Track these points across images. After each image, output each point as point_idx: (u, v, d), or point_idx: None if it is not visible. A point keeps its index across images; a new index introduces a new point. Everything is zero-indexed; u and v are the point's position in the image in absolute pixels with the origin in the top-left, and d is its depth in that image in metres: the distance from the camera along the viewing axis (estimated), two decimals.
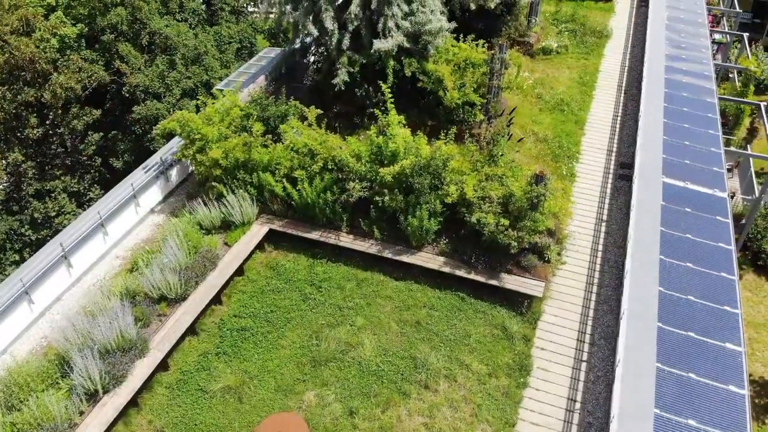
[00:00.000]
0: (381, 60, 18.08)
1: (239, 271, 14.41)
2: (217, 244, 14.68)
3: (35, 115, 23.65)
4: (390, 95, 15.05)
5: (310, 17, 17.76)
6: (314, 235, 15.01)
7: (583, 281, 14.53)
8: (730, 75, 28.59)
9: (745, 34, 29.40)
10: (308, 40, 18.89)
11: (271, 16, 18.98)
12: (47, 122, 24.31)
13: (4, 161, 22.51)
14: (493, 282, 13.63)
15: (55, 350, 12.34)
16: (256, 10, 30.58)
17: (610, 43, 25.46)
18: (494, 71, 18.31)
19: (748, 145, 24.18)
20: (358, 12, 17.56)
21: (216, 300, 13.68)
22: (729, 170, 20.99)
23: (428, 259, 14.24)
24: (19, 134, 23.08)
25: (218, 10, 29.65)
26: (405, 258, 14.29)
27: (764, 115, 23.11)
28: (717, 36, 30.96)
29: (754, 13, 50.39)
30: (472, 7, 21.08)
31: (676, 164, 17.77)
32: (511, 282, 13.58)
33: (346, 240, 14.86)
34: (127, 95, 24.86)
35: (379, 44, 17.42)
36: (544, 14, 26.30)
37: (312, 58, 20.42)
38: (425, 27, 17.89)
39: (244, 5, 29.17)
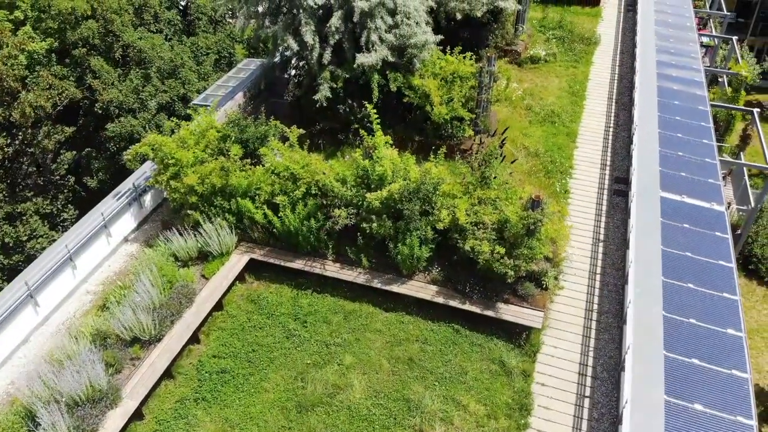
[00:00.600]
0: (365, 74, 17.28)
1: (218, 306, 13.52)
2: (194, 278, 13.77)
3: (4, 134, 22.58)
4: (375, 115, 14.21)
5: (290, 31, 16.92)
6: (298, 265, 14.16)
7: (583, 307, 13.81)
8: (720, 79, 28.11)
9: (734, 37, 28.97)
10: (288, 53, 18.05)
11: (251, 24, 18.02)
12: (17, 141, 23.24)
13: None
14: (489, 313, 12.86)
15: (21, 402, 11.37)
16: (234, 19, 29.66)
17: (599, 50, 24.83)
18: (483, 85, 17.57)
19: (741, 153, 23.66)
20: (339, 25, 16.74)
21: (193, 339, 12.78)
22: (723, 178, 20.46)
23: (420, 288, 13.44)
24: None
25: (195, 20, 28.69)
26: (395, 288, 13.48)
27: (757, 122, 22.62)
28: (705, 39, 30.52)
29: (738, 13, 50.31)
30: (458, 16, 20.32)
31: (673, 177, 17.18)
32: (509, 313, 12.81)
33: (332, 269, 14.01)
34: (101, 111, 23.84)
35: (362, 58, 16.62)
36: (531, 21, 25.63)
37: (293, 72, 19.57)
38: (410, 40, 17.12)
39: (222, 15, 28.25)
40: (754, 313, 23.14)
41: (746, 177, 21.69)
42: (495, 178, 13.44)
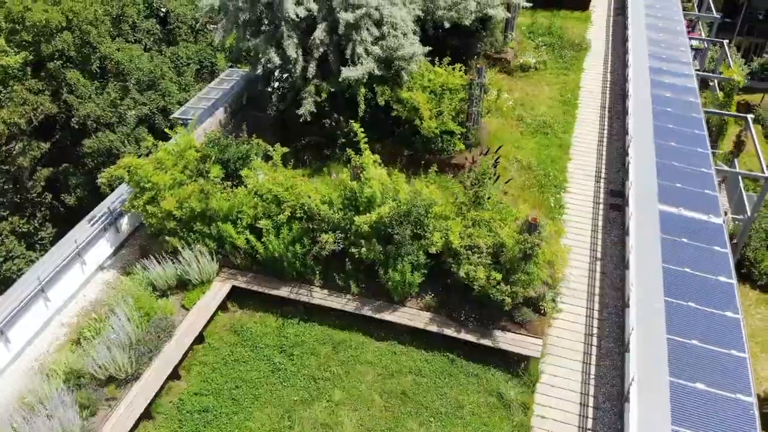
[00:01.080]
0: (351, 88, 16.63)
1: (199, 338, 12.80)
2: (173, 309, 13.04)
3: None
4: (363, 135, 13.54)
5: (272, 44, 16.22)
6: (283, 292, 13.46)
7: (582, 332, 13.23)
8: (710, 83, 27.73)
9: (725, 41, 28.60)
10: (271, 66, 17.34)
11: (231, 36, 17.31)
12: None
13: None
14: (486, 342, 12.23)
15: None
16: (214, 27, 28.90)
17: (590, 56, 24.33)
18: (473, 98, 16.97)
19: (735, 160, 23.22)
20: (323, 38, 16.06)
21: (173, 375, 12.05)
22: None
23: (413, 316, 12.79)
24: None
25: (175, 29, 27.88)
26: (386, 315, 12.82)
27: (751, 128, 22.20)
28: (694, 42, 30.11)
29: (724, 13, 50.06)
30: (447, 25, 19.71)
31: (669, 189, 16.72)
32: (506, 341, 12.20)
33: (319, 296, 13.33)
34: (77, 126, 23.00)
35: (347, 72, 15.95)
36: (520, 27, 25.08)
37: (276, 84, 18.85)
38: (397, 52, 16.47)
39: (203, 24, 27.48)
40: (747, 317, 22.72)
41: (741, 185, 21.23)
42: (489, 198, 12.81)
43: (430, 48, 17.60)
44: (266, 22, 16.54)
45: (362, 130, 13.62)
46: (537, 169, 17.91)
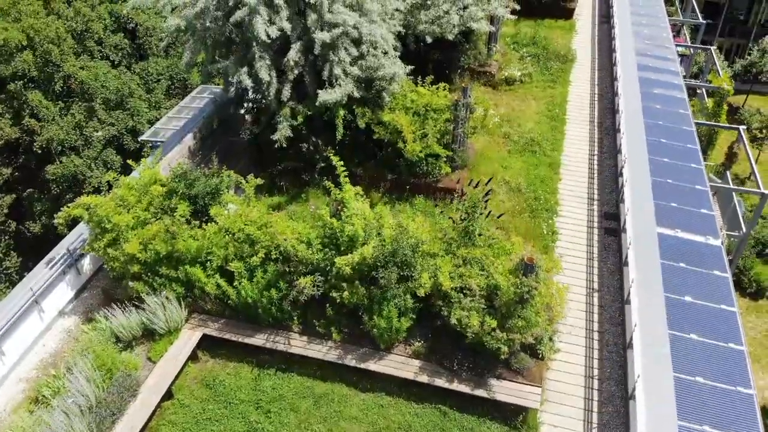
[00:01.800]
0: (329, 110, 15.62)
1: (167, 394, 11.69)
2: (138, 363, 11.92)
3: None
4: (342, 168, 12.49)
5: (243, 66, 15.14)
6: (259, 340, 12.38)
7: (582, 374, 12.31)
8: (698, 91, 27.08)
9: (713, 47, 28.00)
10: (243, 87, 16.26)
11: (199, 59, 16.23)
12: None
13: None
14: (481, 392, 11.26)
15: None
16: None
17: (576, 68, 23.51)
18: (459, 119, 16.03)
19: (728, 172, 22.52)
20: (298, 59, 15.02)
21: None
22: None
23: (400, 364, 11.78)
24: None
25: (144, 43, 26.64)
26: (372, 365, 11.80)
27: (744, 140, 21.53)
28: (680, 48, 29.46)
29: (704, 14, 49.70)
30: (429, 40, 18.80)
31: (665, 209, 15.99)
32: (502, 391, 11.23)
33: (298, 344, 12.28)
34: (40, 151, 21.71)
35: (325, 95, 14.94)
36: (504, 38, 24.21)
37: (249, 105, 17.74)
38: (378, 72, 15.50)
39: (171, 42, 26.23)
40: None
41: (735, 199, 20.51)
42: (480, 235, 11.85)
43: (413, 67, 16.67)
44: (236, 43, 15.46)
45: (342, 162, 12.55)
46: (527, 192, 17.01)
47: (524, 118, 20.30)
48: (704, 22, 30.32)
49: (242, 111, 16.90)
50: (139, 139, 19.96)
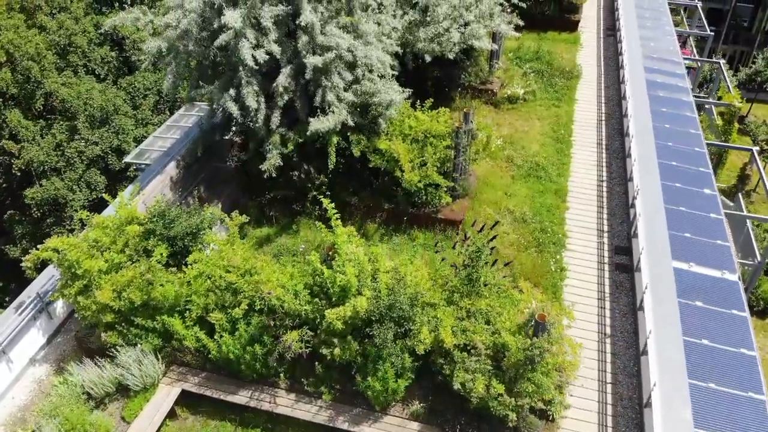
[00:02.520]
0: (322, 137, 14.58)
1: None
2: (111, 425, 10.86)
3: None
4: (334, 211, 11.40)
5: (229, 91, 14.10)
6: (242, 397, 11.33)
7: None
8: (706, 106, 26.10)
9: (721, 61, 27.01)
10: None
11: (182, 83, 15.21)
12: None
13: None
14: None
15: None
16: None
17: (582, 85, 22.49)
18: (460, 147, 15.00)
19: (739, 194, 21.51)
20: (288, 84, 13.99)
21: None
22: None
23: (397, 427, 10.73)
24: None
25: (131, 56, 25.56)
26: (366, 427, 10.74)
27: (758, 161, 20.56)
28: (687, 61, 28.50)
29: (707, 21, 48.79)
30: (428, 58, 17.78)
31: (680, 240, 15.00)
32: None
33: (285, 403, 11.22)
34: (19, 173, 20.64)
35: (317, 124, 13.91)
36: (506, 52, 23.18)
37: (237, 129, 16.72)
38: (374, 98, 14.47)
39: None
40: None
41: (749, 226, 19.49)
42: (486, 285, 10.81)
43: (411, 90, 15.65)
44: (222, 66, 14.43)
45: (333, 204, 11.47)
46: (532, 222, 15.99)
47: (528, 140, 19.27)
48: (711, 33, 29.35)
49: (228, 136, 15.92)
50: (123, 161, 18.87)
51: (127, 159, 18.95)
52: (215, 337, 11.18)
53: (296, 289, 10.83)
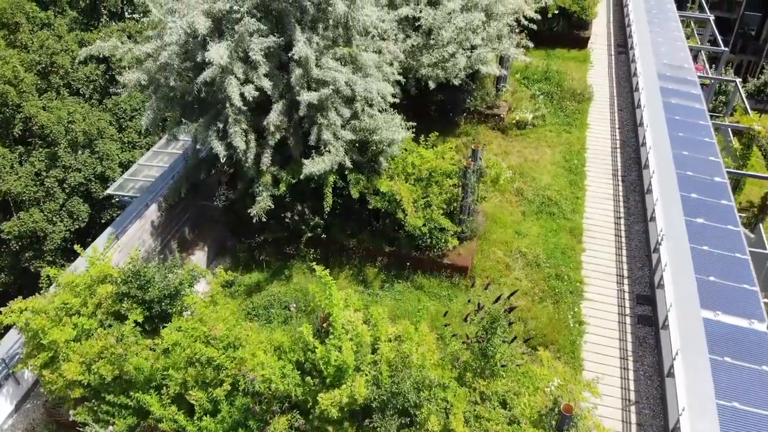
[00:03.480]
0: (317, 177, 13.32)
1: None
2: None
3: None
4: (328, 276, 10.09)
5: (215, 129, 12.83)
6: None
7: None
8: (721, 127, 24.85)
9: (738, 80, 25.78)
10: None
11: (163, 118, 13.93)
12: None
13: None
14: None
15: None
16: None
17: (594, 108, 21.24)
18: (468, 187, 13.74)
19: (760, 225, 20.28)
20: (280, 122, 12.73)
21: None
22: None
23: None
24: None
25: (118, 74, 24.22)
26: None
27: None
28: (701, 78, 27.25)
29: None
30: (432, 85, 16.54)
31: (706, 285, 13.84)
32: None
33: None
34: None
35: (311, 166, 12.68)
36: (513, 73, 21.90)
37: (224, 162, 15.44)
38: (373, 136, 13.21)
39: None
40: None
41: None
42: (504, 366, 9.54)
43: (414, 125, 14.38)
44: (207, 102, 13.15)
45: (324, 267, 10.15)
46: (546, 266, 14.74)
47: (539, 170, 18.01)
48: (726, 49, 28.11)
49: (217, 168, 14.70)
50: (105, 193, 17.58)
51: (109, 191, 17.68)
52: (195, 418, 9.89)
53: (284, 371, 9.53)
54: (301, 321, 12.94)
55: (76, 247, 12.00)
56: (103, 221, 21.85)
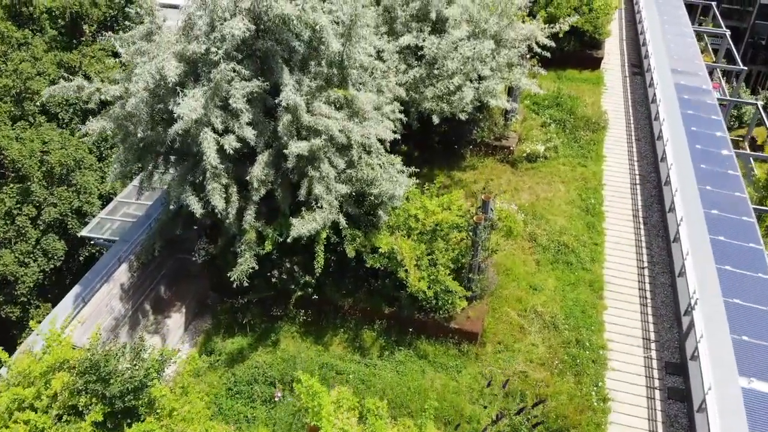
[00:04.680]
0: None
1: None
2: None
3: None
4: (318, 386, 8.53)
5: (190, 184, 11.31)
6: None
7: None
8: (740, 144, 23.38)
9: (759, 102, 24.27)
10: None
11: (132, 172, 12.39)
12: None
13: None
14: None
15: None
16: None
17: (609, 137, 19.70)
18: (478, 244, 12.20)
19: None
20: (265, 175, 11.18)
21: None
22: None
23: None
24: None
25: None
26: None
27: None
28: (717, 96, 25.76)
29: None
30: (435, 120, 15.00)
31: (740, 347, 12.46)
32: None
33: None
34: None
35: (300, 228, 11.21)
36: (523, 99, 20.33)
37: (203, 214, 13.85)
38: (371, 189, 11.68)
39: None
40: None
41: None
42: None
43: (418, 170, 12.86)
44: (181, 153, 11.61)
45: (313, 380, 8.62)
46: (564, 328, 13.22)
47: (553, 211, 16.46)
48: (744, 68, 26.60)
49: (194, 227, 13.15)
50: (80, 234, 16.08)
51: (84, 232, 16.20)
52: None
53: None
54: (287, 405, 11.44)
55: (32, 322, 10.47)
56: (81, 258, 20.30)
